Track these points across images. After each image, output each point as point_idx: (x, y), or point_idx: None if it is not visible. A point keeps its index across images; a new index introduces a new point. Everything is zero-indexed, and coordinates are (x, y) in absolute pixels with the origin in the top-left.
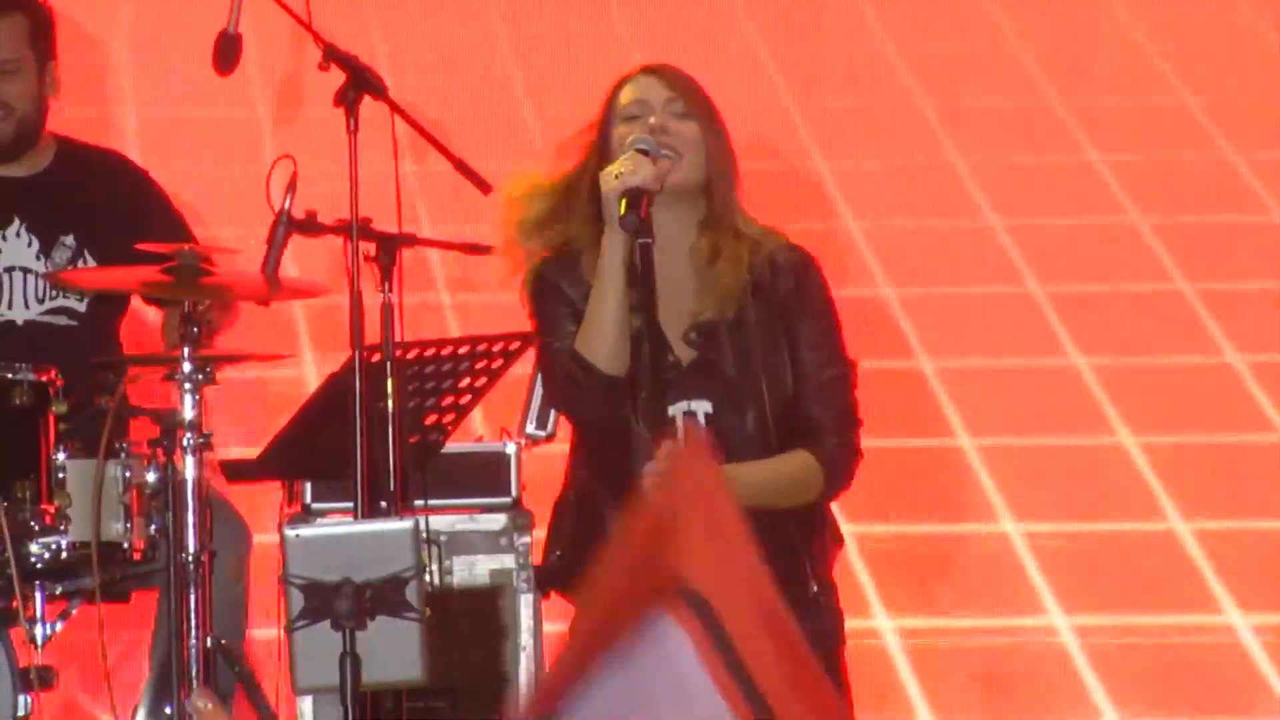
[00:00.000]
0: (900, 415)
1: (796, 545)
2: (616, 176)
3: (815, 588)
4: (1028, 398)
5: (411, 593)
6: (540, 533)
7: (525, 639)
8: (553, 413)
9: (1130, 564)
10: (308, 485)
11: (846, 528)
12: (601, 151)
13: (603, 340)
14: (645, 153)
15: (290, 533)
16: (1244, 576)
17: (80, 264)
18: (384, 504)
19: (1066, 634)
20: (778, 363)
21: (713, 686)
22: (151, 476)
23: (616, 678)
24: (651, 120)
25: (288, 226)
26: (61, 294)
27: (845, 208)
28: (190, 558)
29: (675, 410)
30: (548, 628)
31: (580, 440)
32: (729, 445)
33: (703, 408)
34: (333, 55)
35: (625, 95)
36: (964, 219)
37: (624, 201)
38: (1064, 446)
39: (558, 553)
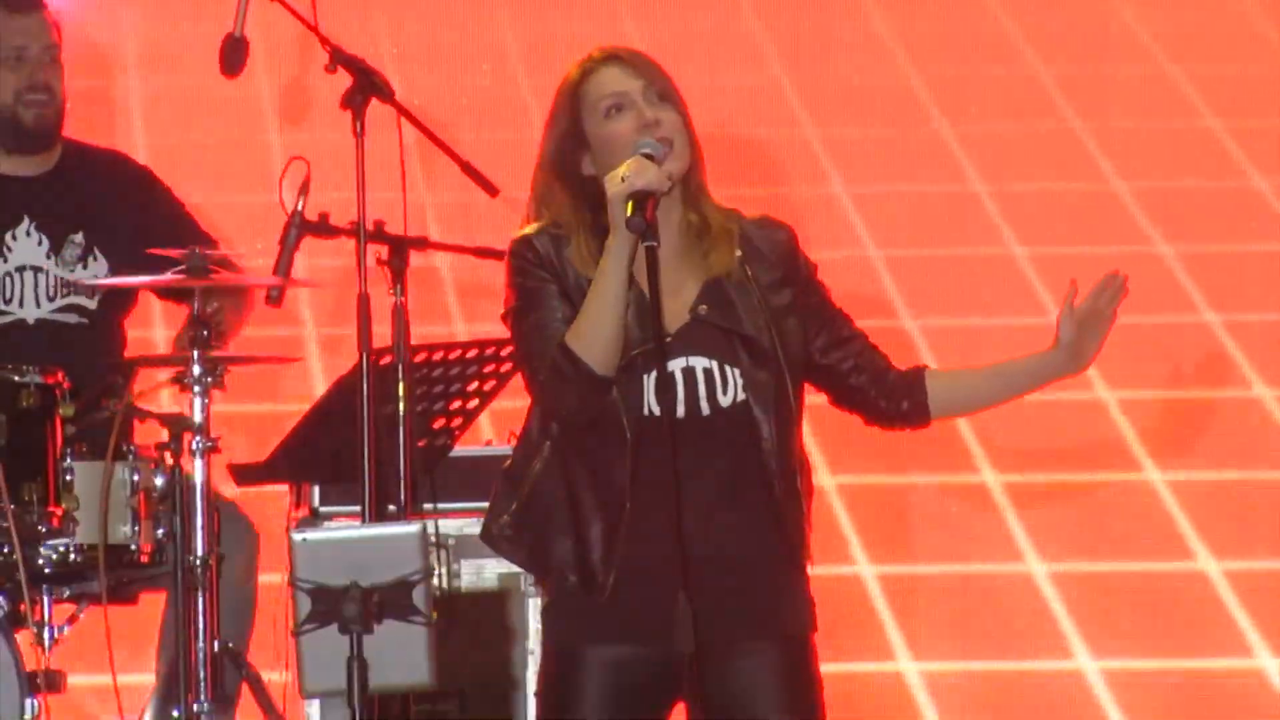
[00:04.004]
0: (923, 449)
1: (798, 521)
2: (623, 179)
3: (810, 559)
4: (1052, 431)
5: (419, 596)
6: None
7: (533, 642)
8: None
9: (1157, 604)
10: (315, 489)
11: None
12: (576, 143)
13: (597, 341)
14: (650, 156)
15: (297, 536)
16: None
17: (90, 261)
18: (392, 507)
19: (1094, 676)
20: (788, 327)
21: None
22: (159, 480)
23: None
24: (646, 115)
25: (300, 228)
26: (72, 292)
27: (864, 232)
28: (198, 561)
29: (674, 366)
30: None
31: (545, 421)
32: (751, 401)
33: (701, 364)
34: (340, 58)
35: (596, 88)
36: (989, 247)
37: (630, 204)
38: (1089, 483)
39: (505, 518)
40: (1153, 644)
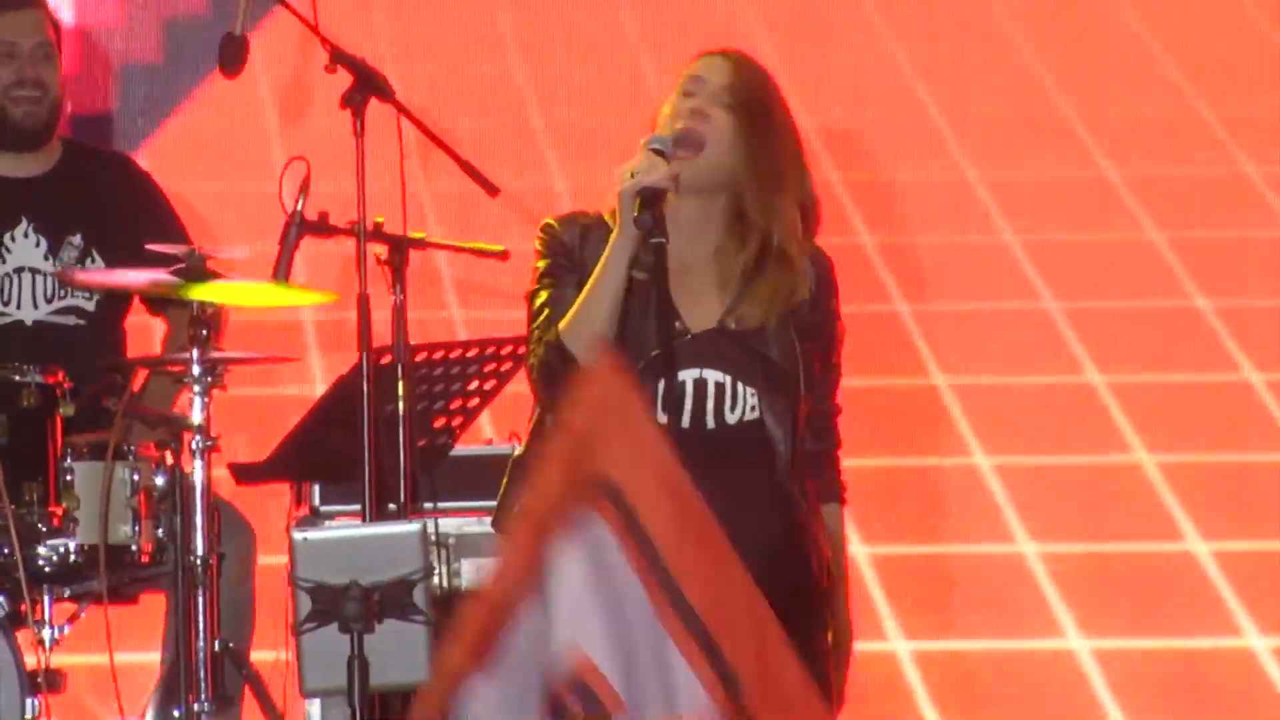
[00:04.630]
0: (915, 431)
1: (818, 541)
2: (631, 175)
3: (830, 641)
4: (1043, 415)
5: (419, 595)
6: None
7: None
8: None
9: (1147, 585)
10: (316, 488)
11: (860, 548)
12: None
13: (588, 333)
14: (660, 152)
15: (298, 535)
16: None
17: (88, 264)
18: (392, 506)
19: (1084, 656)
20: (807, 350)
21: (631, 571)
22: (160, 479)
23: (556, 576)
24: (698, 104)
25: (300, 228)
26: (70, 293)
27: (859, 221)
28: (198, 560)
29: (685, 376)
30: None
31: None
32: (768, 423)
33: (713, 377)
34: (339, 58)
35: (692, 69)
36: (979, 234)
37: (639, 201)
38: (1080, 465)
39: (516, 508)
40: (1143, 624)
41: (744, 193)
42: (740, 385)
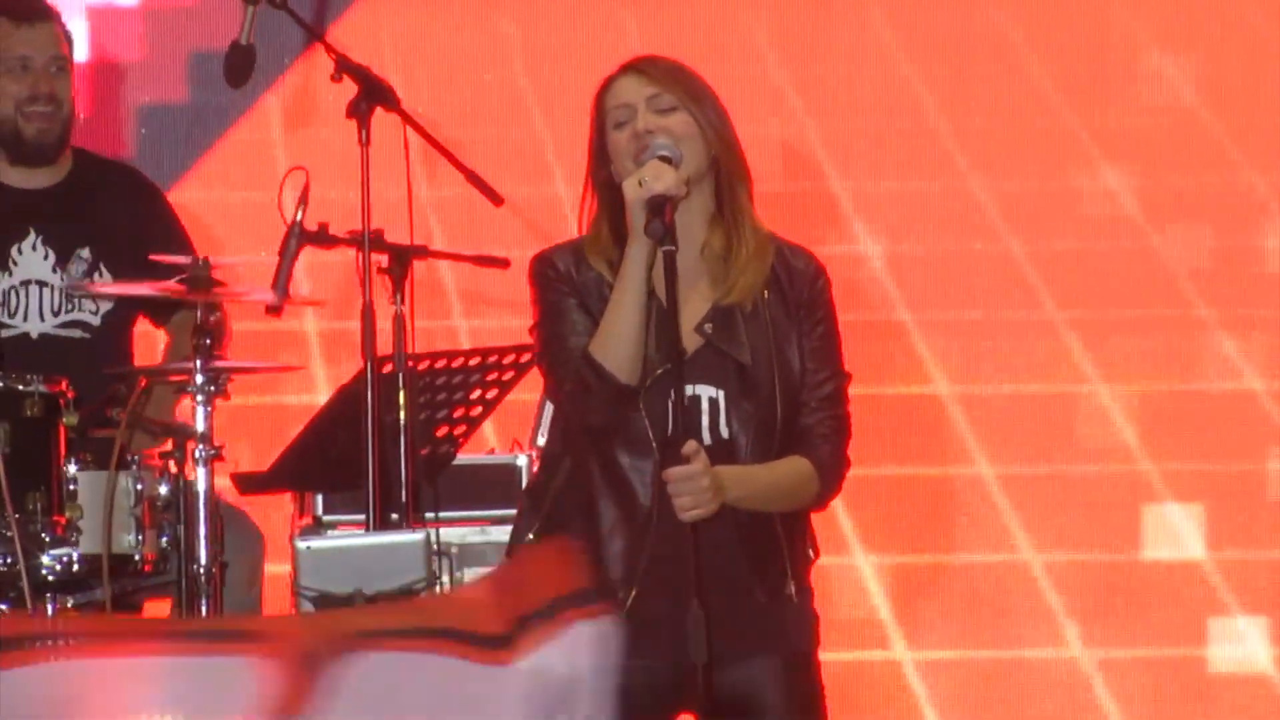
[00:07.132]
0: (918, 442)
1: (781, 549)
2: (640, 184)
3: (792, 589)
4: (1048, 425)
5: None
6: None
7: None
8: None
9: (1153, 595)
10: (319, 497)
11: (868, 558)
12: (599, 154)
13: (619, 349)
14: (667, 159)
15: (302, 544)
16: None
17: (96, 277)
18: (395, 516)
19: (1089, 666)
20: (789, 358)
21: None
22: (163, 489)
23: None
24: (638, 126)
25: (300, 238)
26: (76, 307)
27: (862, 230)
28: (202, 570)
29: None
30: None
31: (571, 429)
32: (733, 432)
33: (707, 393)
34: (345, 67)
35: (610, 98)
36: (982, 242)
37: (648, 209)
38: (1084, 474)
39: (530, 536)
40: (1147, 633)
41: (719, 179)
42: (739, 399)
